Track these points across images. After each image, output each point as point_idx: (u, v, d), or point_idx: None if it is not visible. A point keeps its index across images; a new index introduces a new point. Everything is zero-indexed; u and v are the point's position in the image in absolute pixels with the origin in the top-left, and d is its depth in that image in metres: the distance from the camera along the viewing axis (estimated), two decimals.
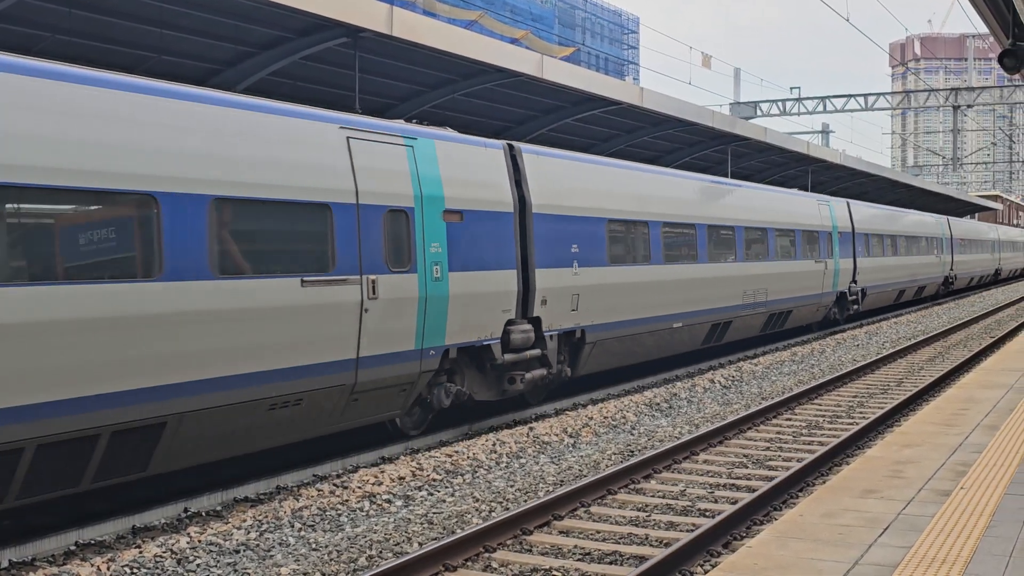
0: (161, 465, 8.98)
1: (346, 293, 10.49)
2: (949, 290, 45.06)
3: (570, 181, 14.95)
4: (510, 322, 13.38)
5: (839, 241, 27.64)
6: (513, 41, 59.09)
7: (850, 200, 29.92)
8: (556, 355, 14.48)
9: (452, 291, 12.16)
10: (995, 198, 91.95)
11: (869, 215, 31.27)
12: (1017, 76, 17.31)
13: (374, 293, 10.89)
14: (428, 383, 12.19)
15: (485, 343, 12.91)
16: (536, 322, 13.93)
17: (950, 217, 45.45)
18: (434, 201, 11.95)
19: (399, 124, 11.97)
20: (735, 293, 20.40)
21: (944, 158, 67.11)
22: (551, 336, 14.24)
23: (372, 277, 10.86)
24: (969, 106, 44.06)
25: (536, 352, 13.86)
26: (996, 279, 60.41)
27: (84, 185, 7.99)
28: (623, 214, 16.19)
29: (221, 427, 9.35)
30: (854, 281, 29.03)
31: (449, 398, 12.55)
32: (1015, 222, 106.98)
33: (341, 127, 10.82)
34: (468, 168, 12.75)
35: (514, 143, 13.96)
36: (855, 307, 29.30)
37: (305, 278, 9.99)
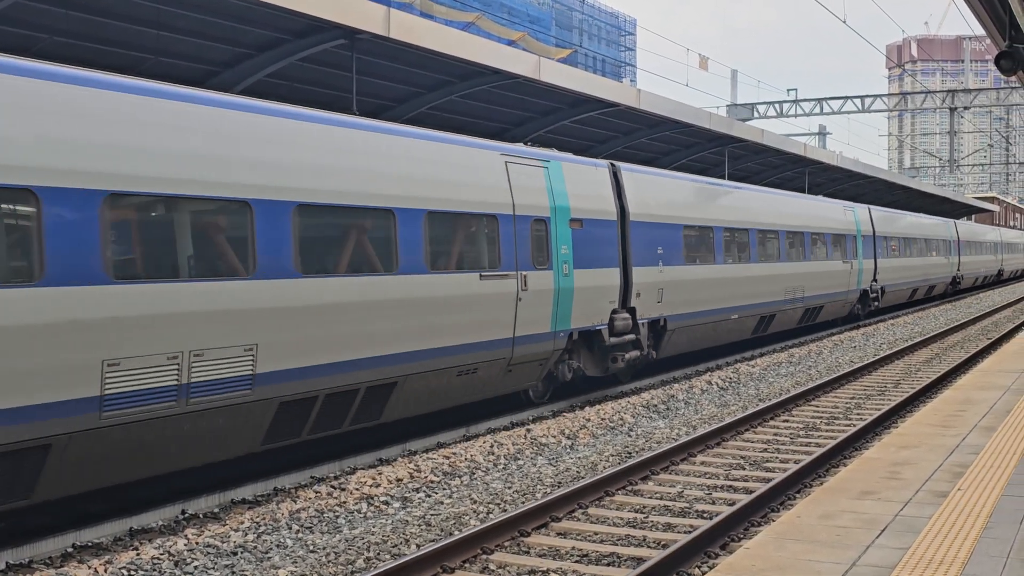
0: (388, 415, 11.74)
1: (508, 285, 13.24)
2: (956, 289, 47.15)
3: (656, 193, 17.73)
4: (614, 311, 15.99)
5: (862, 243, 30.37)
6: (510, 43, 59.12)
7: (871, 206, 32.39)
8: (646, 340, 17.03)
9: (576, 285, 14.88)
10: (992, 200, 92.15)
11: (887, 219, 34.09)
12: (1014, 78, 17.33)
13: (525, 286, 13.62)
14: (556, 360, 14.78)
15: (597, 328, 15.57)
16: (632, 312, 16.54)
17: (957, 221, 47.45)
18: (563, 211, 14.70)
19: (537, 150, 14.74)
20: (779, 289, 23.09)
21: (941, 160, 67.20)
22: (643, 323, 16.91)
23: (524, 273, 13.60)
24: (966, 108, 44.11)
25: (631, 337, 16.40)
26: (999, 279, 62.54)
27: (365, 204, 11.10)
28: (695, 220, 19.03)
29: (427, 387, 12.08)
30: (875, 280, 31.79)
31: (570, 373, 15.25)
32: (1012, 224, 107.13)
33: (502, 154, 13.65)
34: (585, 184, 15.49)
35: (616, 162, 16.68)
36: (875, 303, 31.95)
37: (482, 273, 12.80)
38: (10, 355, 7.48)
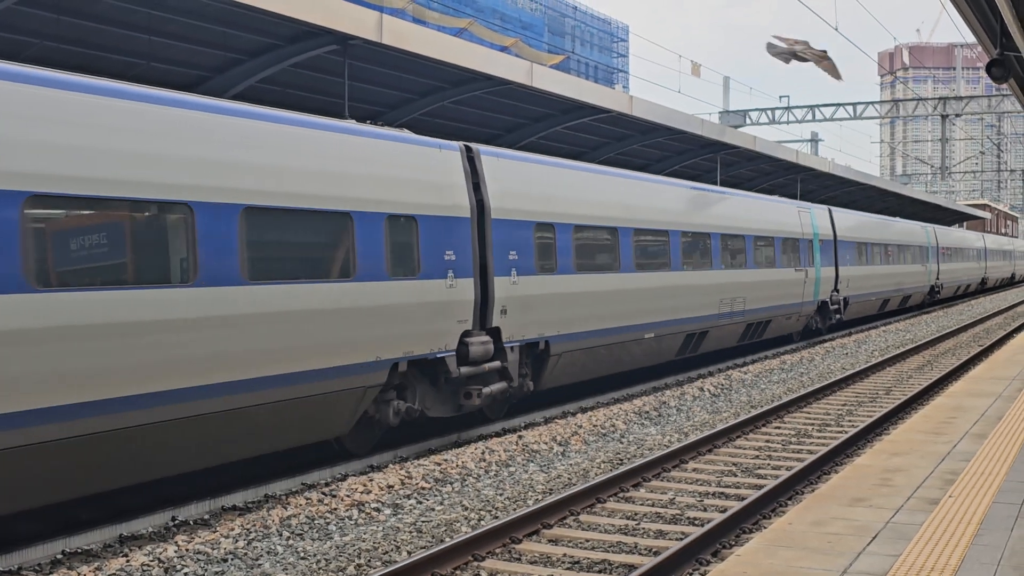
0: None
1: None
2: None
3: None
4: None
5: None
6: (503, 49, 59.15)
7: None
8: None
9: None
10: (984, 207, 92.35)
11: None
12: (1005, 85, 17.38)
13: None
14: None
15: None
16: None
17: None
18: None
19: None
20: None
21: (933, 167, 67.40)
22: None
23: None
24: (957, 115, 44.27)
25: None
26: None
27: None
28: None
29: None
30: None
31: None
32: (1003, 231, 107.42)
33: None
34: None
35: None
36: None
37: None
38: None
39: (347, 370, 10.82)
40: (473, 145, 13.68)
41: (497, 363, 13.46)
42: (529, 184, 14.49)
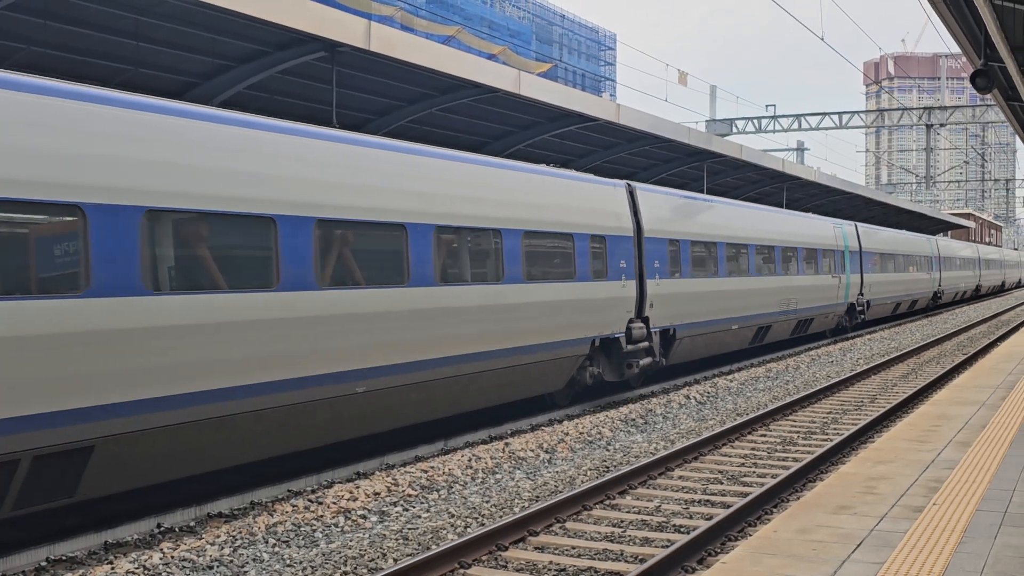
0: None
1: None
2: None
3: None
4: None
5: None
6: (491, 57, 59.23)
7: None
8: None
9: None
10: (968, 216, 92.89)
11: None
12: (989, 96, 17.49)
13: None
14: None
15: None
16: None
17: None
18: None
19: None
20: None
21: (917, 176, 67.69)
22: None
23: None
24: (942, 125, 44.49)
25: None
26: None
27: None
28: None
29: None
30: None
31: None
32: (987, 240, 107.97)
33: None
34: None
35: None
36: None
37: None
38: None
39: (569, 344, 15.44)
40: (632, 183, 18.10)
41: (646, 343, 17.66)
42: (665, 210, 19.12)
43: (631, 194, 17.89)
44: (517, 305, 13.95)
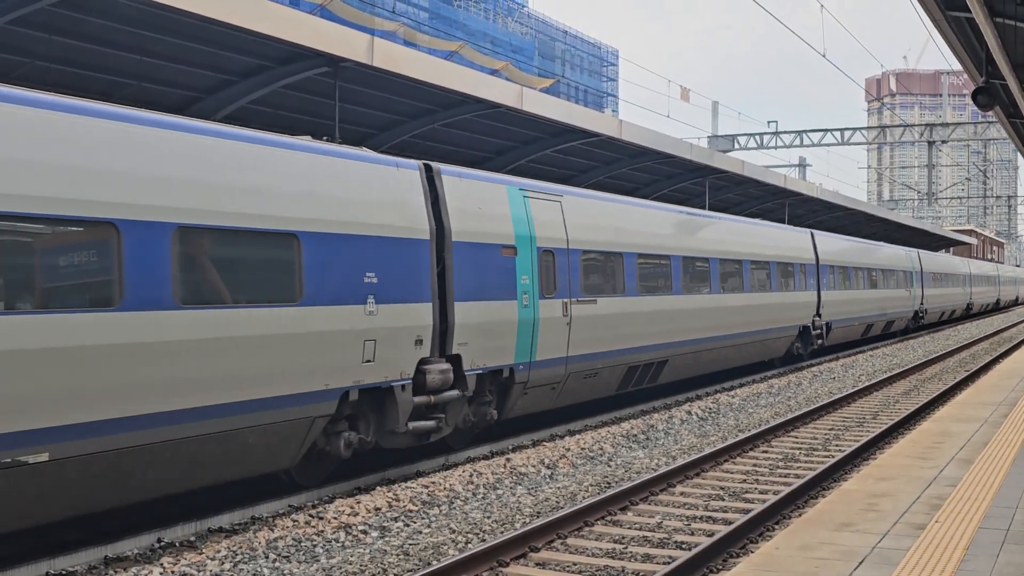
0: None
1: None
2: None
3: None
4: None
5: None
6: (493, 72, 59.36)
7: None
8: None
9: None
10: (970, 233, 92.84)
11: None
12: (991, 113, 17.51)
13: None
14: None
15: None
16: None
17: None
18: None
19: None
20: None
21: (919, 193, 67.79)
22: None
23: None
24: (944, 141, 44.59)
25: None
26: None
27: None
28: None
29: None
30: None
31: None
32: (989, 256, 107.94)
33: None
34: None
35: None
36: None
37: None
38: None
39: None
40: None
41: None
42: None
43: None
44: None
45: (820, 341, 28.35)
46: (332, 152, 11.11)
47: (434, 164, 12.93)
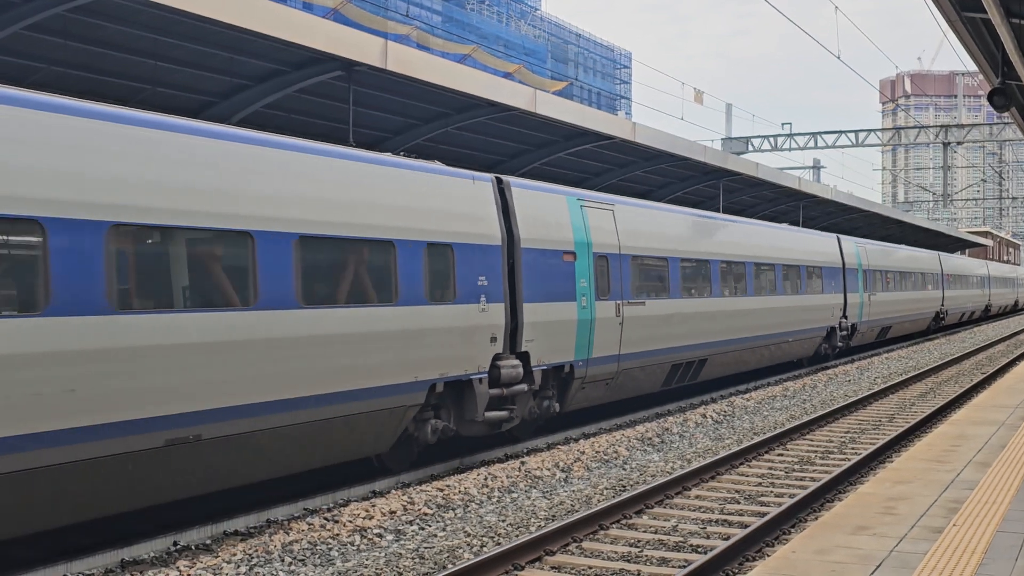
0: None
1: None
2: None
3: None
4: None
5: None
6: (506, 75, 59.43)
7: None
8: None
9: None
10: (986, 234, 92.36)
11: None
12: (1006, 114, 17.43)
13: None
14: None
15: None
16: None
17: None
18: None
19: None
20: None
21: (934, 194, 67.53)
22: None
23: None
24: (959, 143, 44.41)
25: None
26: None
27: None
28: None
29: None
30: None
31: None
32: (1006, 258, 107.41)
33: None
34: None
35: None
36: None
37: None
38: None
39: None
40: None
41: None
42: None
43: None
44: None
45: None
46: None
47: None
